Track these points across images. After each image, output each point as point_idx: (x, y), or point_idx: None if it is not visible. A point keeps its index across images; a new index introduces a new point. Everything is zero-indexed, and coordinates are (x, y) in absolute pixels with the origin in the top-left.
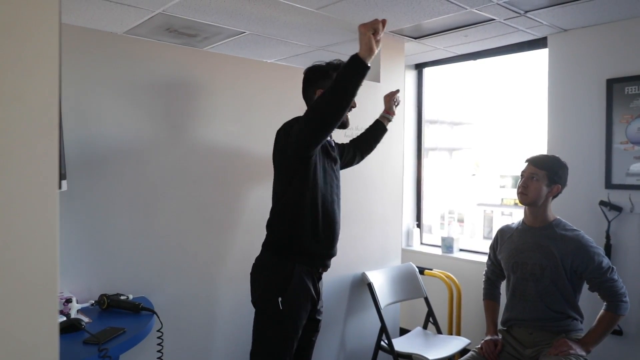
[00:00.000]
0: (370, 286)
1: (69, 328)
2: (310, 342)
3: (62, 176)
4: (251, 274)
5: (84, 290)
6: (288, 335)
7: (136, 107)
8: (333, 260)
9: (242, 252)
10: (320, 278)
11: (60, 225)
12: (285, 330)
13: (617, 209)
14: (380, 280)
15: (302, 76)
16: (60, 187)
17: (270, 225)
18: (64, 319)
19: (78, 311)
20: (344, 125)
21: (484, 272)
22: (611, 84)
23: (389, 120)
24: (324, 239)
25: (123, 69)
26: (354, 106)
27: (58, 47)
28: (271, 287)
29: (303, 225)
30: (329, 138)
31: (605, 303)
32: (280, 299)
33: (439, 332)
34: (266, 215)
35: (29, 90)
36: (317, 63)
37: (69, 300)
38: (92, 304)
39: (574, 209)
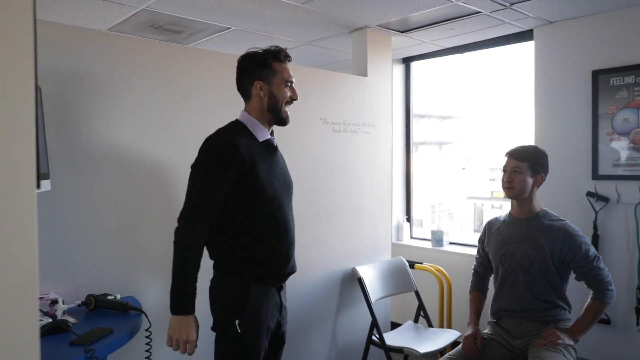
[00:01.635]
0: (360, 281)
1: (55, 329)
2: (276, 357)
3: (44, 176)
4: (209, 296)
5: (70, 291)
6: (250, 358)
7: (122, 105)
8: (323, 256)
9: None
10: (282, 288)
11: (46, 225)
12: (246, 353)
13: (604, 199)
14: (370, 275)
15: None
16: (39, 187)
17: (215, 246)
18: (50, 320)
19: (64, 312)
20: (283, 122)
21: (472, 266)
22: (596, 75)
23: None
24: (279, 253)
25: (107, 66)
26: (295, 98)
27: (33, 43)
28: (227, 310)
29: (254, 242)
30: (268, 136)
31: (591, 292)
32: (237, 322)
33: (430, 325)
34: None
35: (2, 89)
36: (253, 50)
37: (55, 302)
38: (79, 305)
39: (562, 200)
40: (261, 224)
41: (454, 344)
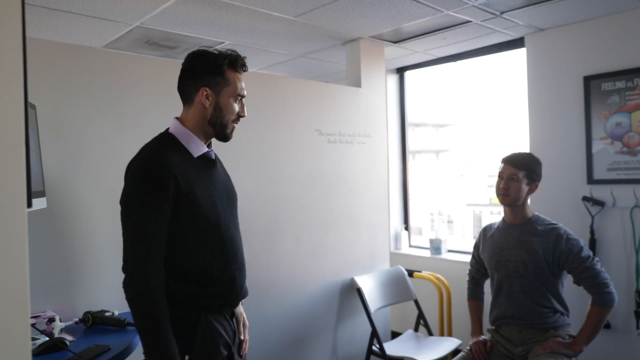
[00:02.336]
0: (359, 291)
1: (52, 348)
2: None
3: (39, 194)
4: None
5: (68, 309)
6: None
7: (118, 122)
8: (322, 267)
9: None
10: (234, 314)
11: (42, 243)
12: None
13: (600, 203)
14: (369, 284)
15: (283, 84)
16: (31, 206)
17: None
18: (47, 339)
19: (62, 330)
20: (226, 138)
21: (467, 272)
22: (588, 81)
23: None
24: (230, 279)
25: (103, 83)
26: (243, 116)
27: (22, 61)
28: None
29: (201, 271)
30: (204, 149)
31: (591, 297)
32: (187, 358)
33: (430, 333)
34: (256, 229)
35: None
36: (205, 48)
37: (52, 320)
38: (76, 322)
39: (558, 206)
40: (206, 250)
41: (455, 352)
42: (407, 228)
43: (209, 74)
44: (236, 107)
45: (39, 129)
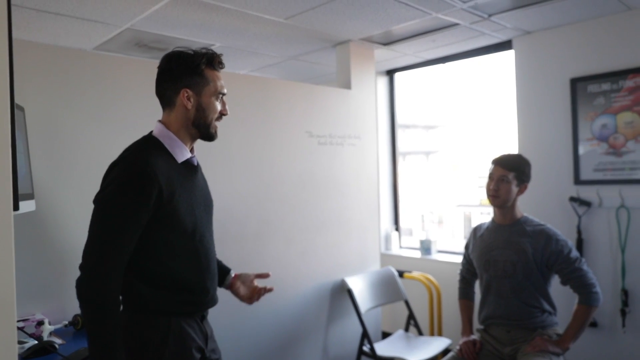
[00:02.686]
0: (350, 292)
1: (41, 351)
2: None
3: (28, 196)
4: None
5: (57, 311)
6: None
7: (109, 124)
8: (313, 268)
9: None
10: (204, 317)
11: (31, 245)
12: None
13: (587, 204)
14: (360, 285)
15: (274, 86)
16: (17, 209)
17: (125, 283)
18: (35, 342)
19: (51, 333)
20: (212, 138)
21: (459, 271)
22: (575, 83)
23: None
24: (201, 287)
25: (93, 85)
26: (226, 114)
27: (8, 64)
28: (146, 352)
29: (173, 278)
30: (188, 155)
31: (577, 296)
32: None
33: (421, 333)
34: (248, 230)
35: None
36: (180, 49)
37: (40, 323)
38: (65, 325)
39: (546, 206)
40: (180, 258)
41: (445, 351)
42: (397, 229)
43: (187, 75)
44: (218, 105)
45: (28, 131)
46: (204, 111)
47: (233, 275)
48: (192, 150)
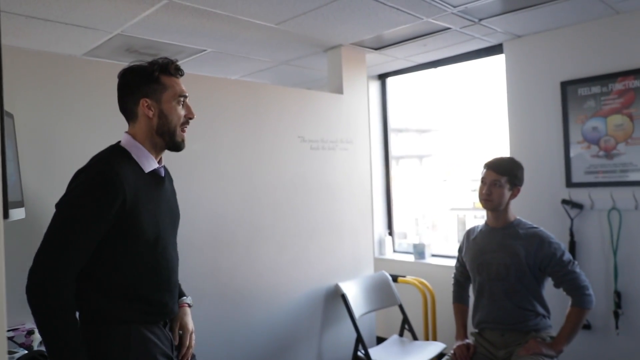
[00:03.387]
0: (344, 297)
1: None
2: None
3: (18, 204)
4: None
5: None
6: None
7: (99, 131)
8: (306, 274)
9: (209, 270)
10: (166, 323)
11: (21, 253)
12: None
13: (579, 206)
14: (353, 290)
15: (265, 91)
16: (7, 217)
17: (79, 294)
18: (25, 352)
19: (41, 342)
20: (178, 147)
21: (453, 275)
22: (565, 86)
23: None
24: (160, 298)
25: (83, 92)
26: (192, 117)
27: None
28: None
29: (130, 288)
30: (156, 165)
31: (570, 299)
32: None
33: (415, 338)
34: (240, 236)
35: None
36: (137, 63)
37: (31, 332)
38: None
39: (538, 209)
40: (140, 270)
41: (440, 356)
42: (391, 233)
43: (144, 84)
44: (181, 110)
45: (18, 138)
46: (167, 117)
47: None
48: (160, 161)
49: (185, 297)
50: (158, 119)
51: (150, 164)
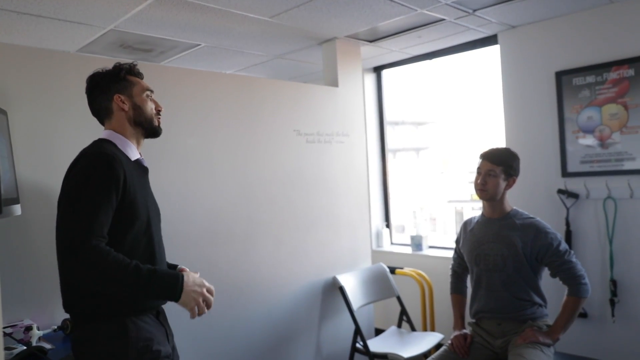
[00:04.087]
0: (342, 289)
1: (30, 357)
2: None
3: (13, 201)
4: (75, 356)
5: (46, 316)
6: None
7: (93, 127)
8: (304, 267)
9: (207, 266)
10: (159, 313)
11: (18, 250)
12: None
13: (574, 196)
14: (351, 283)
15: (260, 85)
16: (1, 213)
17: (74, 291)
18: (24, 347)
19: (40, 338)
20: (156, 132)
21: (450, 266)
22: (560, 76)
23: None
24: None
25: (77, 88)
26: (160, 109)
27: None
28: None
29: None
30: (138, 155)
31: (566, 288)
32: None
33: (413, 329)
34: (236, 231)
35: None
36: (102, 69)
37: (29, 328)
38: (55, 330)
39: (534, 199)
40: (138, 254)
41: (438, 346)
42: (388, 226)
43: (115, 83)
44: (151, 103)
45: (12, 135)
46: (141, 108)
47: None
48: (140, 154)
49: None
50: (133, 111)
51: (134, 153)
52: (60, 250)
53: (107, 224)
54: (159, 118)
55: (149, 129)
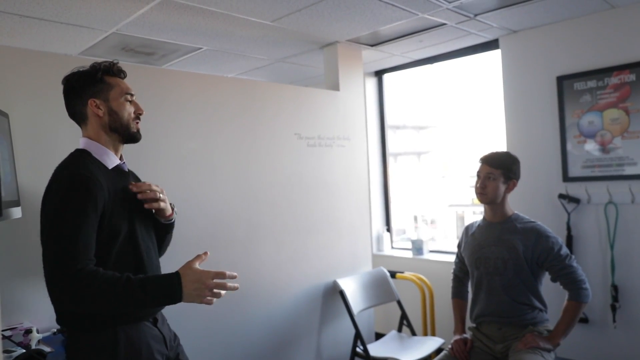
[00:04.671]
0: (342, 294)
1: (30, 359)
2: None
3: (14, 203)
4: None
5: (45, 319)
6: None
7: None
8: (304, 271)
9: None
10: (157, 320)
11: (18, 253)
12: None
13: (576, 200)
14: (352, 287)
15: (262, 89)
16: (0, 215)
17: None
18: (23, 351)
19: (39, 341)
20: (134, 138)
21: (452, 271)
22: (561, 81)
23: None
24: None
25: None
26: (141, 112)
27: None
28: None
29: None
30: (118, 161)
31: (567, 293)
32: None
33: (414, 333)
34: (237, 234)
35: None
36: (79, 69)
37: (28, 331)
38: (54, 333)
39: (535, 203)
40: (123, 264)
41: (438, 351)
42: (389, 230)
43: (89, 85)
44: (129, 106)
45: (13, 138)
46: (117, 114)
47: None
48: (121, 158)
49: None
50: (109, 117)
51: (112, 160)
52: (46, 281)
53: (92, 245)
54: (138, 122)
55: (126, 136)
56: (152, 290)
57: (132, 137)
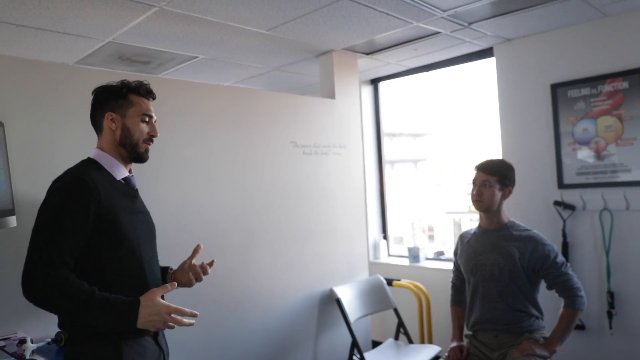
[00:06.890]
0: (338, 302)
1: None
2: None
3: (9, 212)
4: None
5: (39, 329)
6: None
7: (91, 139)
8: (300, 279)
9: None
10: (157, 334)
11: (12, 262)
12: None
13: (571, 207)
14: (348, 295)
15: (258, 97)
16: None
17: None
18: None
19: (33, 351)
20: (141, 158)
21: (450, 279)
22: (555, 88)
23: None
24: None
25: (75, 100)
26: (155, 135)
27: None
28: None
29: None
30: (126, 173)
31: (563, 300)
32: None
33: (411, 341)
34: (233, 242)
35: None
36: (111, 83)
37: (22, 341)
38: (48, 343)
39: (531, 211)
40: (125, 279)
41: (435, 359)
42: (385, 237)
43: (112, 100)
44: (144, 127)
45: (8, 146)
46: (129, 131)
47: (171, 272)
48: (130, 171)
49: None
50: (121, 132)
51: (120, 172)
52: (22, 273)
53: (73, 249)
54: (148, 144)
55: (133, 154)
56: (109, 311)
57: (139, 157)
